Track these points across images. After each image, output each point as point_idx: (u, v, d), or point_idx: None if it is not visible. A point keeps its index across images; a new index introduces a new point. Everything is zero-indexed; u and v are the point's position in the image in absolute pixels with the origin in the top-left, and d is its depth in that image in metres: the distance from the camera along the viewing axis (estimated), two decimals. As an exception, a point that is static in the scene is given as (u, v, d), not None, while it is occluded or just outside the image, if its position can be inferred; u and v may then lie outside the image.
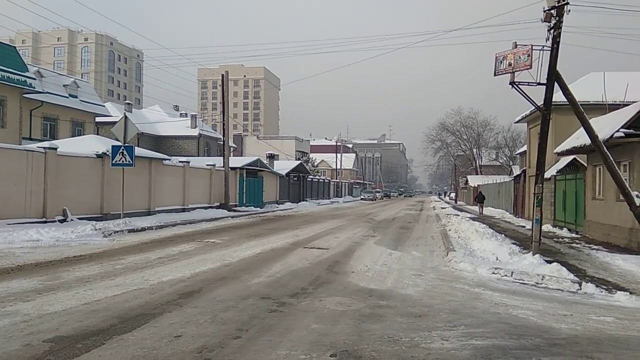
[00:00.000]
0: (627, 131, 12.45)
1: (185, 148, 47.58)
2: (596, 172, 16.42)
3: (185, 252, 10.97)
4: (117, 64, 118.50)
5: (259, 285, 7.47)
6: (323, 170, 78.60)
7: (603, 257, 11.57)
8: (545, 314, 6.23)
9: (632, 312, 6.58)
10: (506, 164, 63.81)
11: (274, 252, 11.25)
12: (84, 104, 33.58)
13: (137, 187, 19.14)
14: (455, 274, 9.20)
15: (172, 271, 8.39)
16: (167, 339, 4.74)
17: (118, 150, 15.84)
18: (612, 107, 15.73)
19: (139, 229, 15.26)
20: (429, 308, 6.36)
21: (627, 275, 9.39)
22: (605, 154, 11.77)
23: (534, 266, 9.41)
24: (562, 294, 7.67)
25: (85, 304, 5.97)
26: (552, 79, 11.36)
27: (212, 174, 26.55)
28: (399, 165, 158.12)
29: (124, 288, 6.94)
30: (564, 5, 10.82)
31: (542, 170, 11.75)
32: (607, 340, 5.17)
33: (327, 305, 6.34)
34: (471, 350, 4.65)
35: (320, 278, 8.24)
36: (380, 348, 4.66)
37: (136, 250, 11.02)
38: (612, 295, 7.50)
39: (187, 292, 6.81)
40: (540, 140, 11.83)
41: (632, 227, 12.84)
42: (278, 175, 37.96)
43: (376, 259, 10.64)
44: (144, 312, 5.72)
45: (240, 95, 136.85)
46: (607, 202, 15.13)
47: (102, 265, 8.82)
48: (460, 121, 66.64)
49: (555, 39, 11.04)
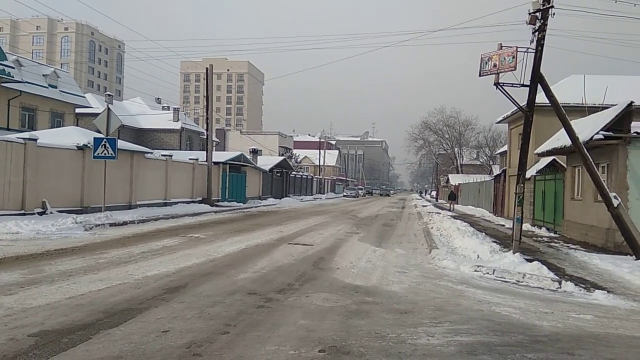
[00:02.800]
0: (606, 133, 12.75)
1: (167, 141, 47.07)
2: (575, 173, 16.78)
3: (169, 246, 10.89)
4: (98, 54, 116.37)
5: (245, 281, 7.46)
6: (306, 167, 78.57)
7: (581, 257, 11.85)
8: (527, 312, 6.38)
9: (609, 310, 6.77)
10: (486, 163, 64.72)
11: (258, 248, 11.24)
12: (64, 95, 32.91)
13: (118, 181, 18.89)
14: (439, 271, 9.33)
15: (156, 266, 8.33)
16: (154, 334, 4.72)
17: (100, 142, 15.60)
18: (591, 110, 16.07)
19: (120, 222, 15.07)
20: (414, 305, 6.45)
21: (604, 275, 9.65)
22: (586, 155, 12.03)
23: (515, 264, 9.58)
24: (542, 292, 7.84)
25: (69, 298, 5.90)
26: (535, 81, 11.55)
27: (194, 168, 26.34)
28: (382, 162, 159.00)
29: (108, 282, 6.86)
30: (548, 9, 11.00)
31: (524, 170, 11.95)
32: (586, 338, 5.32)
33: (314, 301, 6.38)
34: (457, 347, 4.74)
35: (306, 274, 8.28)
36: (368, 344, 4.72)
37: (119, 244, 10.89)
38: (590, 294, 7.70)
39: (173, 287, 6.77)
40: (522, 140, 12.03)
41: (609, 228, 13.17)
42: (261, 170, 37.81)
43: (361, 256, 10.71)
44: (130, 306, 5.68)
45: (224, 89, 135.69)
46: (585, 202, 15.48)
47: (84, 259, 8.70)
48: (443, 120, 67.39)
49: (540, 42, 11.22)
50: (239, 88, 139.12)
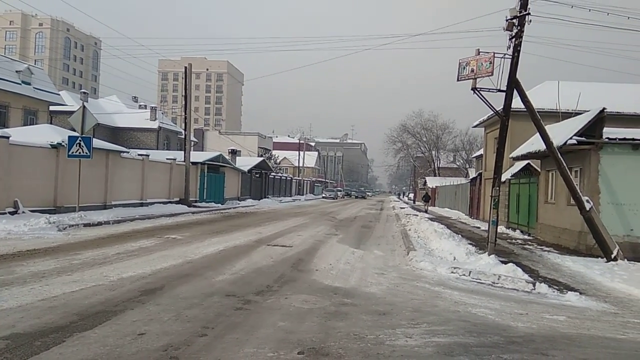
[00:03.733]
0: (579, 139, 13.07)
1: (143, 141, 46.40)
2: (549, 177, 17.16)
3: (145, 248, 10.72)
4: (74, 51, 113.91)
5: (224, 283, 7.40)
6: (285, 168, 78.40)
7: (554, 259, 12.12)
8: (503, 313, 6.49)
9: (582, 311, 6.94)
10: (463, 166, 65.67)
11: (237, 249, 11.16)
12: (37, 92, 32.14)
13: (93, 180, 18.52)
14: (416, 272, 9.42)
15: (132, 267, 8.19)
16: (130, 337, 4.64)
17: (75, 141, 15.27)
18: (565, 115, 16.46)
19: (95, 223, 14.78)
20: (392, 306, 6.49)
21: (576, 277, 9.88)
22: (559, 159, 12.32)
23: (491, 266, 9.75)
24: (517, 294, 7.99)
25: (42, 300, 5.75)
26: (511, 86, 11.78)
27: (172, 168, 26.01)
28: (360, 164, 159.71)
29: (82, 284, 6.72)
30: (525, 16, 11.24)
31: (500, 173, 12.17)
32: (560, 338, 5.44)
33: (293, 303, 6.37)
34: (434, 348, 4.79)
35: (285, 276, 8.25)
36: (347, 345, 4.73)
37: (93, 245, 10.68)
38: (563, 295, 7.88)
39: (149, 289, 6.67)
40: (498, 144, 12.25)
41: (582, 231, 13.50)
42: (240, 171, 37.56)
43: (339, 258, 10.74)
44: (105, 309, 5.57)
45: (203, 88, 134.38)
46: (558, 206, 15.84)
47: (58, 260, 8.50)
48: (421, 123, 68.11)
49: (516, 48, 11.45)
50: (218, 88, 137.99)
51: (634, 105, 23.89)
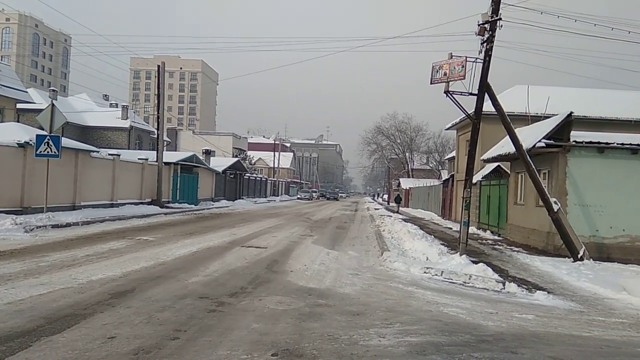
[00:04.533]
0: (548, 141, 13.42)
1: (114, 140, 45.44)
2: (518, 178, 17.56)
3: (116, 249, 10.51)
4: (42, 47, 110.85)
5: (197, 285, 7.32)
6: (260, 169, 77.95)
7: (523, 259, 12.41)
8: (474, 312, 6.61)
9: (549, 310, 7.13)
10: (436, 168, 66.61)
11: (210, 251, 11.05)
12: (4, 89, 31.07)
13: (61, 180, 18.05)
14: (390, 273, 9.50)
15: (102, 270, 8.01)
16: (100, 341, 4.54)
17: (43, 140, 14.85)
18: (534, 119, 16.89)
19: (63, 224, 14.41)
20: (366, 306, 6.54)
21: (544, 276, 10.15)
22: (528, 162, 12.63)
23: (462, 266, 9.92)
24: (487, 293, 8.16)
25: (7, 304, 5.58)
26: (483, 90, 12.03)
27: (144, 168, 25.57)
28: (336, 166, 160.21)
29: (50, 287, 6.54)
30: (496, 21, 11.49)
31: (471, 175, 12.40)
32: (529, 337, 5.57)
33: (267, 304, 6.34)
34: (407, 347, 4.85)
35: (260, 277, 8.22)
36: (321, 346, 4.74)
37: (61, 247, 10.40)
38: (532, 295, 8.08)
39: (120, 292, 6.54)
40: (470, 147, 12.47)
41: (550, 231, 13.86)
42: (214, 172, 37.18)
43: (314, 258, 10.75)
44: (74, 312, 5.44)
45: (176, 87, 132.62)
46: (527, 207, 16.23)
47: (24, 262, 8.25)
48: (395, 125, 68.85)
49: (488, 52, 11.69)
50: (192, 87, 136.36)
51: (600, 110, 24.70)
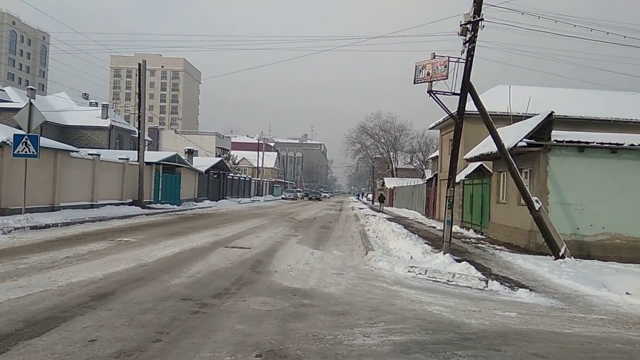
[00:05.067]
0: (529, 141, 13.59)
1: (94, 140, 44.73)
2: (500, 177, 17.76)
3: (96, 251, 10.33)
4: (20, 45, 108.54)
5: (179, 286, 7.22)
6: (244, 168, 77.57)
7: (506, 257, 12.55)
8: (457, 310, 6.65)
9: (532, 307, 7.21)
10: (420, 167, 67.12)
11: (193, 252, 10.93)
12: (-21, 87, 30.42)
13: (40, 181, 17.70)
14: (375, 272, 9.52)
15: (82, 272, 7.87)
16: (80, 344, 4.45)
17: (21, 139, 14.55)
18: (516, 118, 17.08)
19: (42, 225, 14.13)
20: (350, 306, 6.53)
21: (526, 274, 10.26)
22: (510, 161, 12.77)
23: (446, 265, 9.98)
24: (471, 291, 8.22)
25: (-17, 308, 5.44)
26: (465, 90, 12.11)
27: (125, 168, 25.22)
28: (320, 165, 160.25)
29: (28, 289, 6.40)
30: (478, 21, 11.57)
31: (454, 174, 12.48)
32: (511, 334, 5.62)
33: (251, 305, 6.29)
34: (391, 346, 4.85)
35: (244, 278, 8.15)
36: (305, 346, 4.71)
37: (40, 248, 10.19)
38: (514, 292, 8.17)
39: (100, 294, 6.42)
40: (453, 146, 12.55)
41: (531, 230, 14.04)
42: (197, 171, 36.87)
43: (299, 258, 10.72)
44: (53, 315, 5.32)
45: (158, 86, 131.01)
46: (509, 206, 16.42)
47: (2, 264, 8.06)
48: (379, 125, 69.14)
49: (470, 52, 11.78)
50: (174, 86, 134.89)
51: (581, 110, 25.14)
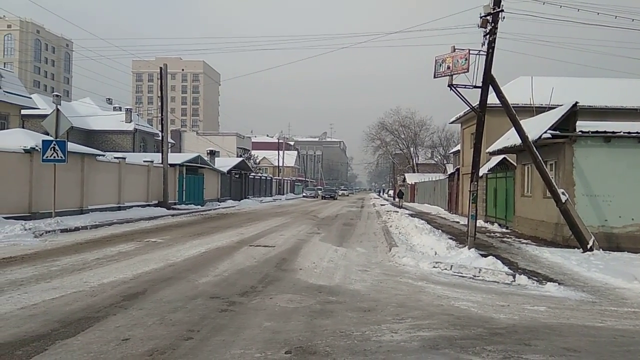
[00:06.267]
0: (554, 132, 13.35)
1: (119, 143, 45.62)
2: (525, 170, 17.49)
3: (125, 252, 10.56)
4: (45, 53, 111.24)
5: (207, 285, 7.35)
6: (265, 168, 78.00)
7: (532, 251, 12.37)
8: (485, 305, 6.60)
9: (561, 301, 7.10)
10: (441, 162, 66.39)
11: (219, 251, 11.09)
12: (8, 96, 31.25)
13: (68, 185, 18.14)
14: (399, 268, 9.50)
15: (112, 272, 8.06)
16: (114, 343, 4.57)
17: (49, 145, 14.93)
18: (539, 110, 16.80)
19: (72, 228, 14.49)
20: (376, 302, 6.54)
21: (554, 267, 10.11)
22: (535, 153, 12.57)
23: (471, 260, 9.89)
24: (498, 286, 8.13)
25: (21, 309, 5.62)
26: (487, 83, 11.96)
27: (149, 170, 25.65)
28: (340, 162, 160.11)
29: (62, 291, 6.59)
30: (499, 13, 11.42)
31: (477, 168, 12.35)
32: (541, 328, 5.56)
33: (278, 302, 6.36)
34: (419, 342, 4.85)
35: (269, 276, 8.24)
36: (334, 343, 4.75)
37: (71, 251, 10.47)
38: (543, 286, 8.05)
39: (131, 294, 6.58)
40: (475, 140, 12.42)
41: (558, 222, 13.80)
42: (219, 172, 37.25)
43: (323, 256, 10.76)
44: (87, 315, 5.48)
45: (179, 89, 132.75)
46: (534, 199, 16.16)
47: (35, 267, 8.32)
48: (399, 121, 68.63)
49: (491, 44, 11.63)
50: (194, 88, 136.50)
51: (605, 99, 24.54)
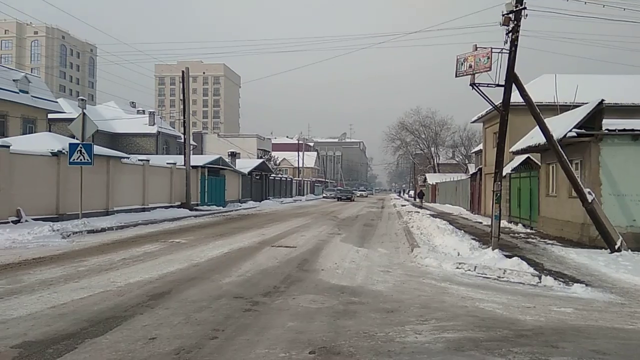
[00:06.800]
0: (579, 131, 13.09)
1: (143, 146, 46.41)
2: (549, 170, 17.18)
3: (150, 252, 10.74)
4: (70, 58, 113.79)
5: (231, 285, 7.42)
6: (285, 169, 78.36)
7: (558, 252, 12.14)
8: (510, 307, 6.51)
9: (589, 302, 6.96)
10: (462, 162, 65.62)
11: (241, 252, 11.18)
12: (35, 100, 32.15)
13: (94, 187, 18.53)
14: (422, 269, 9.44)
15: (138, 272, 8.21)
16: (142, 342, 4.66)
17: (76, 148, 15.28)
18: (563, 108, 16.46)
19: (98, 229, 14.80)
20: (399, 303, 6.52)
21: (581, 268, 9.91)
22: (560, 152, 12.34)
23: (495, 260, 9.76)
24: (523, 287, 8.01)
25: (51, 308, 5.77)
26: (510, 81, 11.79)
27: (172, 172, 26.03)
28: (360, 163, 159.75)
29: (90, 290, 6.74)
30: (521, 10, 11.25)
31: (501, 168, 12.18)
32: (569, 330, 5.46)
33: (301, 303, 6.39)
34: (444, 343, 4.81)
35: (291, 276, 8.28)
36: (357, 343, 4.75)
37: (98, 251, 10.70)
38: (569, 287, 7.90)
39: (157, 294, 6.69)
40: (498, 139, 12.26)
41: (584, 222, 13.52)
42: (240, 173, 37.58)
43: (344, 257, 10.76)
44: (115, 314, 5.59)
45: (200, 92, 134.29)
46: (560, 198, 15.86)
47: (64, 267, 8.52)
48: (419, 120, 68.13)
49: (514, 42, 11.45)
50: (215, 91, 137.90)
51: (632, 96, 23.92)
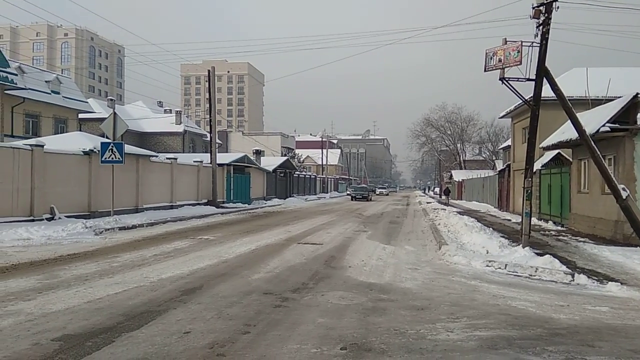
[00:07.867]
0: (612, 125, 12.74)
1: (170, 144, 47.17)
2: (581, 166, 16.76)
3: (180, 249, 10.94)
4: (98, 59, 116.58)
5: (260, 281, 7.50)
6: (309, 166, 78.54)
7: (591, 249, 11.86)
8: (543, 305, 6.39)
9: (625, 301, 6.78)
10: (489, 158, 64.60)
11: (269, 248, 11.28)
12: (66, 100, 33.02)
13: (124, 184, 18.94)
14: (451, 267, 9.35)
15: (170, 268, 8.38)
16: (176, 336, 4.76)
17: (107, 147, 15.64)
18: (594, 102, 16.06)
19: (129, 226, 15.14)
20: (429, 301, 6.47)
21: (615, 267, 9.65)
22: (593, 148, 12.01)
23: (527, 258, 9.59)
24: (556, 285, 7.86)
25: (88, 302, 5.94)
26: (541, 75, 11.54)
27: (199, 170, 26.40)
28: (384, 160, 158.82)
29: (124, 286, 6.91)
30: (552, 2, 10.99)
31: (532, 164, 11.95)
32: (605, 329, 5.33)
33: (330, 299, 6.41)
34: (477, 341, 4.76)
35: (319, 273, 8.31)
36: (388, 340, 4.74)
37: (130, 247, 10.95)
38: (604, 286, 7.71)
39: (189, 289, 6.81)
40: (529, 134, 12.02)
41: (618, 220, 13.16)
42: (265, 171, 37.85)
43: (371, 254, 10.74)
44: (149, 309, 5.72)
45: (224, 91, 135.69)
46: (592, 195, 15.47)
47: (98, 263, 8.75)
48: (445, 117, 67.28)
49: (544, 36, 11.20)
50: (239, 90, 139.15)
51: (668, 89, 23.10)
